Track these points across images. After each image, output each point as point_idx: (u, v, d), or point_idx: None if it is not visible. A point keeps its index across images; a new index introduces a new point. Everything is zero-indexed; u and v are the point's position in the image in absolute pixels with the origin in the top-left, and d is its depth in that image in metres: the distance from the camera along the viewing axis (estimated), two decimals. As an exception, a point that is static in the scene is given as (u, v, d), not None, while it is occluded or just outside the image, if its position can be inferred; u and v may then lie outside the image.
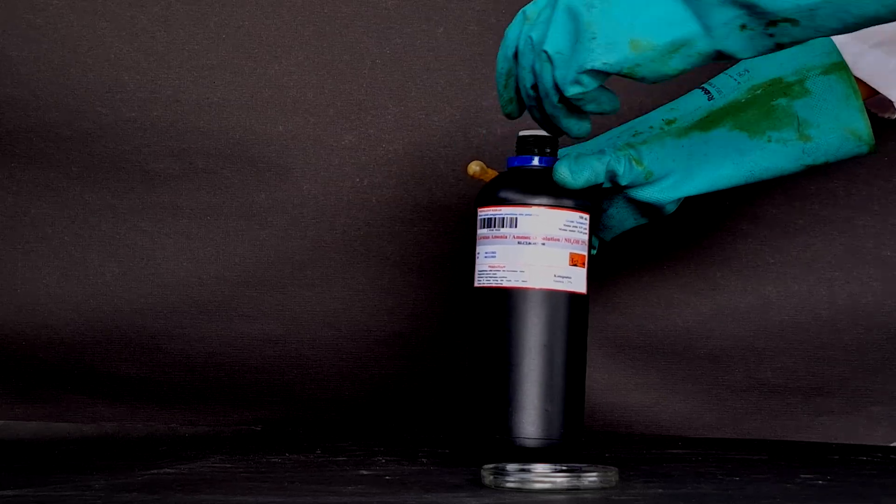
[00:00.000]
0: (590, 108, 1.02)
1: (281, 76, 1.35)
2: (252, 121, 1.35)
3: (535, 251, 1.06)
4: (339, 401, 1.43)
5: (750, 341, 1.40)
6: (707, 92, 1.15)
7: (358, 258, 1.38)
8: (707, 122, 1.14)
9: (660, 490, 0.94)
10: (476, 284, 1.08)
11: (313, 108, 1.35)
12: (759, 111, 1.14)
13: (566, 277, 1.06)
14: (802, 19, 0.94)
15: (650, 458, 1.17)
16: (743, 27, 0.95)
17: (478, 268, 1.08)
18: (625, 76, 0.99)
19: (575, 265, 1.07)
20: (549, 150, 1.08)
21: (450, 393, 1.40)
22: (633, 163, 1.10)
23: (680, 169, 1.13)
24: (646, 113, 1.18)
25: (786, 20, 0.94)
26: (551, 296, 1.06)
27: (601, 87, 1.00)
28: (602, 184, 1.10)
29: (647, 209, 1.14)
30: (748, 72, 1.16)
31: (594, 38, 0.98)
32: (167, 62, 1.34)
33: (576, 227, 1.07)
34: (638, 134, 1.13)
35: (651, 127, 1.13)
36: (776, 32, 0.95)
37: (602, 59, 0.97)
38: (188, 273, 1.38)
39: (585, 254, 1.07)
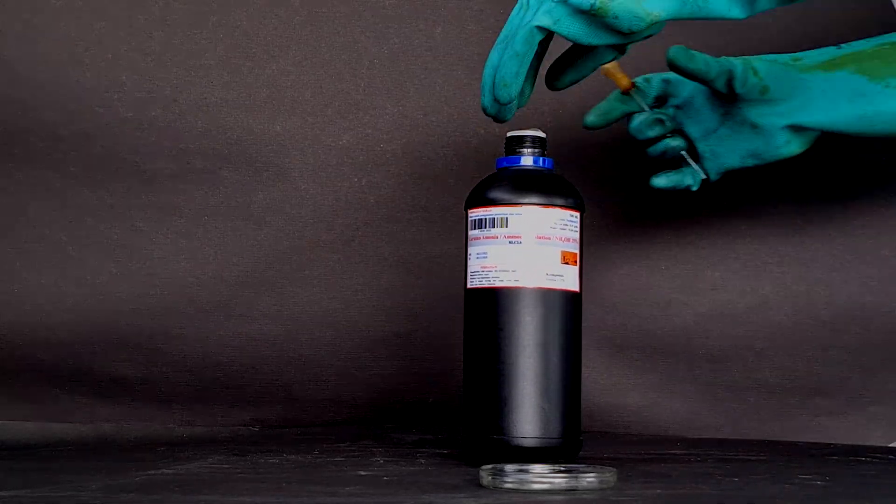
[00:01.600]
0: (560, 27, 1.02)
1: (279, 76, 1.34)
2: (250, 121, 1.35)
3: (526, 250, 1.06)
4: (337, 401, 1.43)
5: (749, 341, 1.40)
6: (837, 46, 1.17)
7: (356, 258, 1.38)
8: (831, 65, 1.15)
9: (658, 490, 0.94)
10: (469, 286, 1.08)
11: (311, 108, 1.35)
12: (883, 60, 1.16)
13: (558, 276, 1.06)
14: None
15: (649, 458, 1.17)
16: None
17: (470, 269, 1.08)
18: (597, 14, 1.00)
19: (567, 263, 1.07)
20: (538, 150, 1.08)
21: (447, 393, 1.40)
22: (751, 72, 1.12)
23: (797, 97, 1.14)
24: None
25: None
26: (544, 294, 1.06)
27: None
28: (718, 91, 1.13)
29: (758, 140, 1.14)
30: (878, 37, 1.18)
31: None
32: (165, 62, 1.34)
33: (567, 225, 1.07)
34: (761, 60, 1.15)
35: (775, 61, 1.15)
36: None
37: None
38: (186, 273, 1.38)
39: (577, 252, 1.07)
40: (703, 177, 1.18)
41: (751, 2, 1.02)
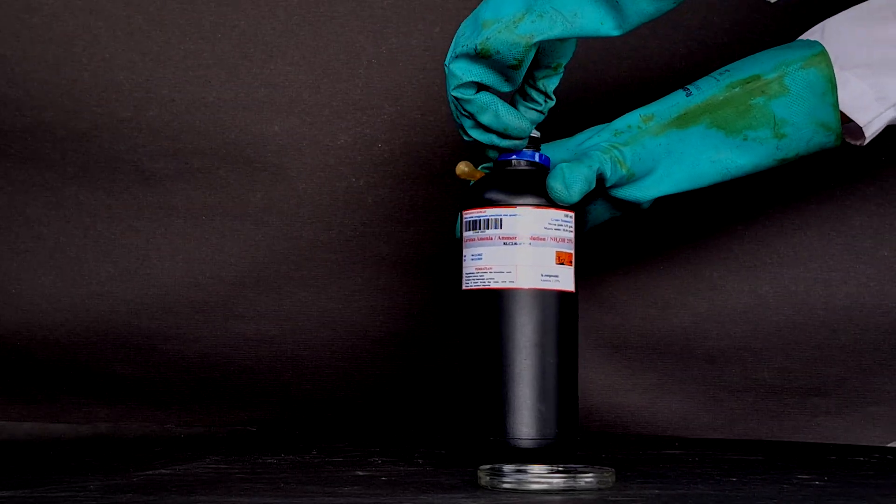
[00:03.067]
0: (486, 119, 1.06)
1: (276, 76, 1.34)
2: (247, 121, 1.35)
3: (521, 251, 1.06)
4: (334, 401, 1.43)
5: (747, 342, 1.40)
6: (686, 90, 1.16)
7: (354, 258, 1.38)
8: (684, 119, 1.14)
9: (656, 490, 0.94)
10: (464, 287, 1.07)
11: (309, 108, 1.35)
12: (736, 110, 1.14)
13: (553, 276, 1.06)
14: None
15: (647, 458, 1.17)
16: None
17: (465, 270, 1.07)
18: (483, 55, 1.03)
19: (562, 263, 1.07)
20: (531, 149, 1.08)
21: (445, 393, 1.40)
22: (619, 165, 1.11)
23: (658, 167, 1.13)
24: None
25: None
26: (540, 295, 1.06)
27: (492, 95, 1.05)
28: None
29: (624, 205, 1.14)
30: (728, 71, 1.16)
31: (463, 35, 1.05)
32: (162, 62, 1.34)
33: (561, 225, 1.07)
34: (619, 133, 1.13)
35: (629, 126, 1.14)
36: None
37: (462, 42, 1.04)
38: (183, 273, 1.38)
39: (572, 252, 1.07)
40: None
41: (622, 17, 1.02)
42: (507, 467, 0.96)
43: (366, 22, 1.34)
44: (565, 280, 1.07)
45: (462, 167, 1.11)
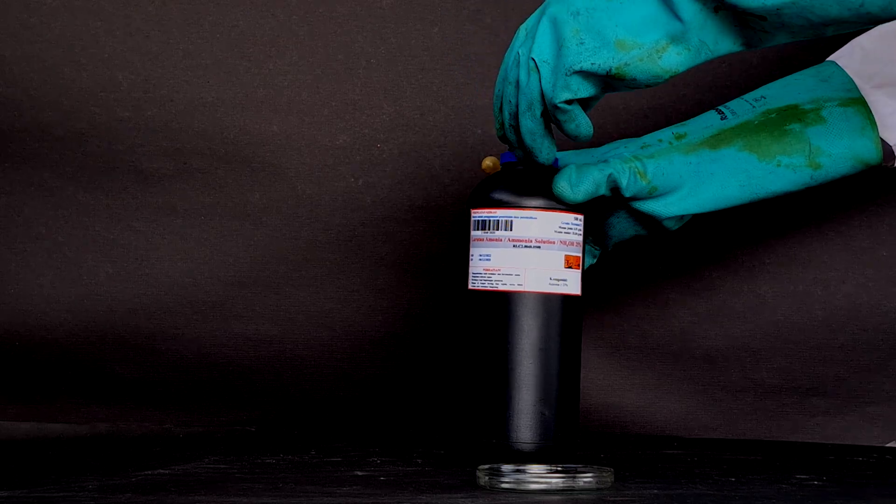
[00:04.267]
0: (569, 127, 1.04)
1: (275, 76, 1.34)
2: (246, 120, 1.35)
3: (530, 254, 1.05)
4: (333, 401, 1.43)
5: (746, 341, 1.40)
6: (720, 112, 1.15)
7: (352, 258, 1.38)
8: (717, 140, 1.13)
9: (655, 490, 0.94)
10: (470, 286, 1.07)
11: (308, 108, 1.35)
12: (771, 134, 1.14)
13: (561, 280, 1.06)
14: (770, 16, 0.95)
15: (646, 458, 1.17)
16: (717, 9, 0.97)
17: (472, 270, 1.07)
18: (615, 78, 1.00)
19: (570, 267, 1.06)
20: None
21: (444, 393, 1.40)
22: (638, 176, 1.10)
23: (686, 185, 1.12)
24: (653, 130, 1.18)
25: (753, 15, 0.96)
26: (547, 299, 1.05)
27: (582, 108, 1.03)
28: (602, 195, 1.10)
29: (649, 222, 1.14)
30: (764, 98, 1.16)
31: (582, 43, 1.00)
32: (161, 62, 1.34)
33: (570, 228, 1.07)
34: (647, 147, 1.13)
35: (660, 140, 1.13)
36: (748, 27, 0.98)
37: (591, 59, 1.00)
38: (182, 273, 1.38)
39: (580, 255, 1.07)
40: (598, 253, 1.17)
41: (756, 39, 1.00)
42: (506, 467, 0.96)
43: (365, 22, 1.34)
44: (573, 284, 1.06)
45: (488, 162, 1.10)
